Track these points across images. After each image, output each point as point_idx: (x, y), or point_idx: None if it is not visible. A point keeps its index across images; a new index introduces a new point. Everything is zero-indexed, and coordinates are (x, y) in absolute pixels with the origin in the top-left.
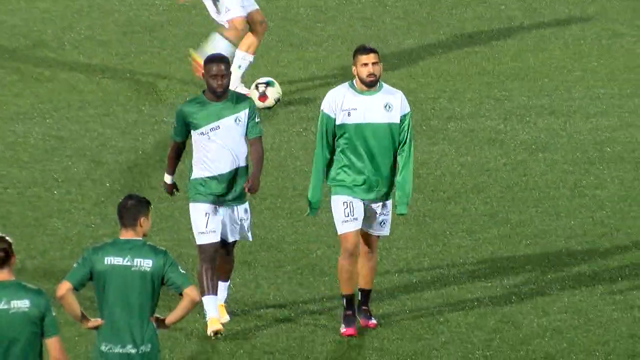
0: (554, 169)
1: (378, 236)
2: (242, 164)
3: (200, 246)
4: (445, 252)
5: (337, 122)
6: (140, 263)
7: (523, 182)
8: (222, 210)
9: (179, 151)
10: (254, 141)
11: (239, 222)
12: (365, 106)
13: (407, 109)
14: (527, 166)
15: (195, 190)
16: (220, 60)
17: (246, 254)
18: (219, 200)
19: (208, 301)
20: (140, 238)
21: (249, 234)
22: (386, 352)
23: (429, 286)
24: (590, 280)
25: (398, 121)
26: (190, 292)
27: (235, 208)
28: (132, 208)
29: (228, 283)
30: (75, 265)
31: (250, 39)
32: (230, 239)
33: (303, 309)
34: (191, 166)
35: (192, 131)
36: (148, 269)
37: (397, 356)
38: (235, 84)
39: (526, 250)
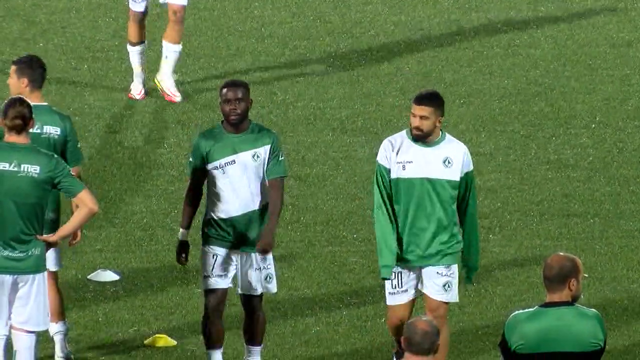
0: (487, 28)
1: (446, 303)
2: (257, 207)
3: (204, 292)
4: (379, 112)
5: (392, 176)
6: (49, 131)
7: (457, 41)
8: (236, 258)
9: (196, 195)
10: (274, 183)
11: (259, 271)
12: (422, 159)
13: (470, 167)
14: (460, 25)
15: (206, 232)
16: (235, 85)
17: (180, 114)
18: (232, 245)
19: (211, 355)
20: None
21: (272, 285)
22: (321, 211)
23: (362, 146)
24: (524, 140)
25: (457, 179)
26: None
27: (252, 255)
28: (43, 72)
29: (260, 348)
30: None
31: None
32: (251, 292)
33: None
34: (206, 205)
35: (207, 165)
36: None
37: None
38: (165, 77)
39: (460, 110)
